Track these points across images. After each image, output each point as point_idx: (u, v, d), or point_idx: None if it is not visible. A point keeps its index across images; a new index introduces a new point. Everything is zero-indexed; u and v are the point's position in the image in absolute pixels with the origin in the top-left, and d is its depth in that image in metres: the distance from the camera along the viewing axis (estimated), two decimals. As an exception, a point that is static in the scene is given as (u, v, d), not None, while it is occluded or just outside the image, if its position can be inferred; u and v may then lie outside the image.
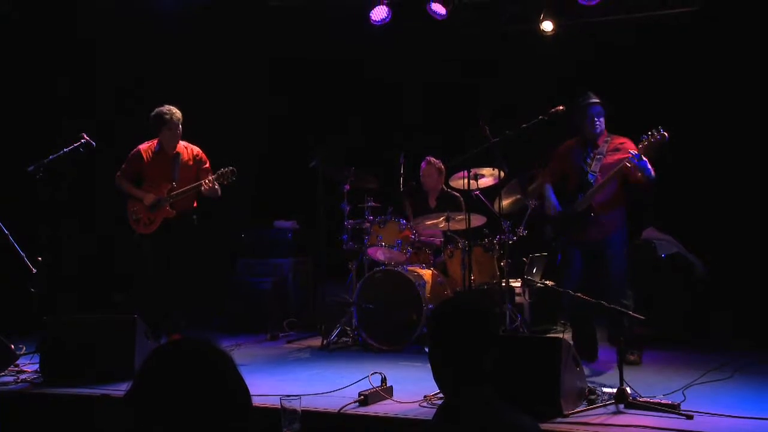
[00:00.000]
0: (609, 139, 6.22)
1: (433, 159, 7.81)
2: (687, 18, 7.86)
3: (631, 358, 5.98)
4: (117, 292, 8.22)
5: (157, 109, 6.75)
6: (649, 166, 5.86)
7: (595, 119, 6.18)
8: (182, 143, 6.90)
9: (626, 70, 8.13)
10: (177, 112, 6.75)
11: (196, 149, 6.96)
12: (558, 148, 6.52)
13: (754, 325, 7.02)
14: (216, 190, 6.70)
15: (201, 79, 8.67)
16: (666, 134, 5.75)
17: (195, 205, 6.90)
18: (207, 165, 6.93)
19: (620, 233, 6.22)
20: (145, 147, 6.89)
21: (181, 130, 6.78)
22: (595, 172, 6.12)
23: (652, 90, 8.07)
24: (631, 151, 5.86)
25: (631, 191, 6.19)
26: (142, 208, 6.76)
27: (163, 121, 6.71)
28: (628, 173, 5.96)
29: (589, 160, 6.18)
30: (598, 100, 6.21)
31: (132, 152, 6.91)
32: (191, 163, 6.89)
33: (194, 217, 6.91)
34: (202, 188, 6.66)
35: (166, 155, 6.83)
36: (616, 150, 6.12)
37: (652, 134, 5.80)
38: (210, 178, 6.66)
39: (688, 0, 7.70)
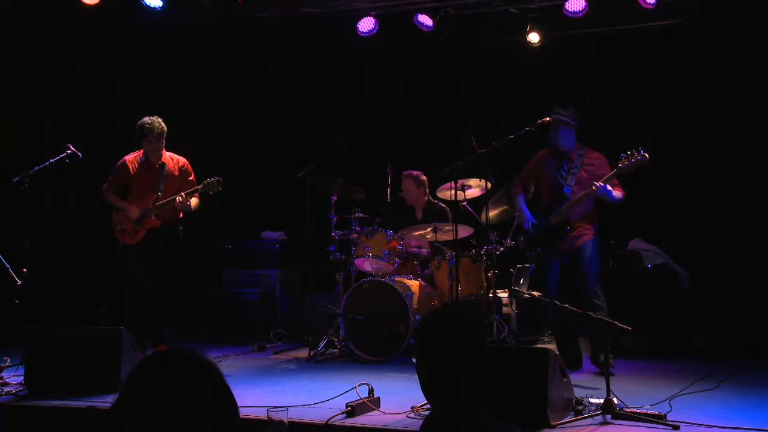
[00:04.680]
0: (583, 152, 6.25)
1: (411, 172, 7.77)
2: (674, 30, 7.92)
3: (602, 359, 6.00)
4: (102, 304, 8.18)
5: (140, 121, 6.74)
6: (614, 194, 5.95)
7: (556, 133, 6.23)
8: (168, 154, 6.88)
9: (612, 82, 8.18)
10: (159, 124, 6.71)
11: (183, 160, 6.94)
12: (530, 160, 6.54)
13: (741, 334, 7.06)
14: (187, 205, 6.65)
15: (188, 92, 8.66)
16: (647, 156, 5.78)
17: (181, 216, 6.87)
18: (192, 177, 6.90)
19: (593, 240, 6.26)
20: (131, 158, 6.88)
21: (163, 141, 6.76)
22: (571, 186, 6.15)
23: (640, 101, 8.12)
24: (597, 184, 5.92)
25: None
26: (128, 219, 6.74)
27: (144, 132, 6.69)
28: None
29: (564, 173, 6.21)
30: (556, 116, 6.22)
31: (117, 163, 6.89)
32: (177, 174, 6.87)
33: (180, 228, 6.88)
34: (176, 201, 6.64)
35: (151, 166, 6.81)
36: (590, 165, 6.18)
37: (632, 154, 5.81)
38: (182, 193, 6.63)
39: (674, 13, 7.74)
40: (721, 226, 7.72)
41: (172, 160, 6.89)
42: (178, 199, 6.58)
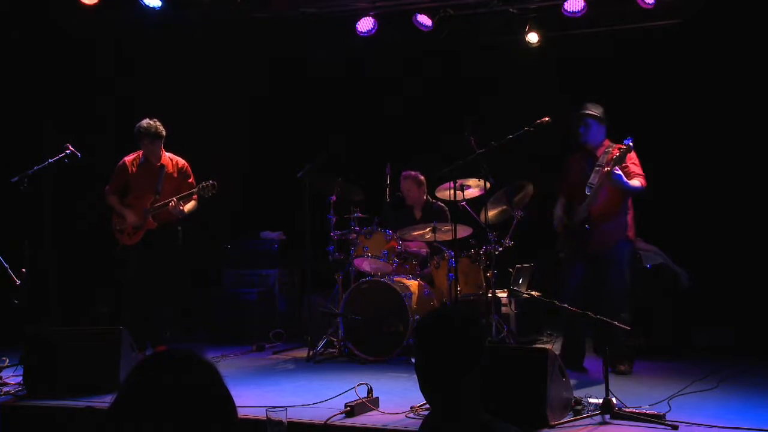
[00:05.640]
0: (609, 149, 6.18)
1: (410, 172, 7.79)
2: (673, 30, 7.92)
3: (622, 368, 6.02)
4: (102, 304, 8.17)
5: (138, 123, 6.76)
6: (624, 179, 5.91)
7: (583, 129, 6.20)
8: (168, 155, 6.91)
9: (612, 81, 8.18)
10: (155, 126, 6.73)
11: (182, 162, 6.97)
12: (565, 165, 6.51)
13: (740, 334, 7.06)
14: (180, 209, 6.66)
15: (188, 92, 8.65)
16: (631, 145, 5.80)
17: (180, 217, 6.87)
18: (191, 179, 6.92)
19: (622, 246, 6.21)
20: (130, 159, 6.92)
21: (160, 143, 6.77)
22: (592, 185, 6.09)
23: (640, 100, 8.12)
24: (604, 168, 5.91)
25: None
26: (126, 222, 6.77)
27: (140, 134, 6.73)
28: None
29: (589, 172, 6.18)
30: (588, 111, 6.21)
31: (118, 165, 6.94)
32: (176, 175, 6.90)
33: (179, 228, 6.88)
34: (169, 206, 6.64)
35: (150, 167, 6.85)
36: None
37: (621, 144, 5.86)
38: (174, 198, 6.64)
39: (673, 12, 7.74)
40: (720, 226, 7.72)
41: (172, 161, 6.92)
42: (171, 203, 6.59)
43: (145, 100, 7.77)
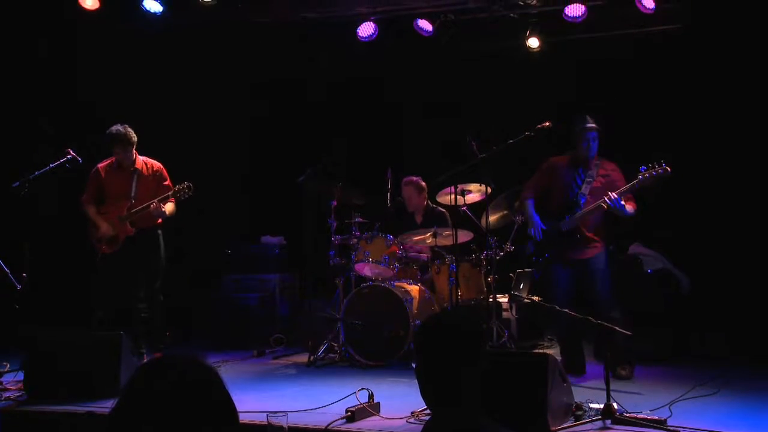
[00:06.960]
0: (599, 162, 6.27)
1: (411, 178, 7.79)
2: (673, 35, 7.93)
3: (623, 372, 6.03)
4: (101, 309, 8.15)
5: (108, 129, 6.69)
6: (627, 209, 5.96)
7: (591, 143, 6.23)
8: (142, 159, 6.82)
9: (611, 87, 8.18)
10: (126, 131, 6.64)
11: (158, 165, 6.89)
12: (543, 164, 6.54)
13: (741, 340, 7.05)
14: (162, 211, 6.58)
15: (189, 96, 8.66)
16: (669, 169, 5.79)
17: (159, 221, 6.79)
18: (167, 182, 6.84)
19: (604, 251, 6.29)
20: (103, 165, 6.83)
21: (132, 148, 6.69)
22: (585, 195, 6.16)
23: (639, 105, 8.12)
24: (611, 195, 5.93)
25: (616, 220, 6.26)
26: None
27: (111, 140, 6.65)
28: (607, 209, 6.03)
29: (579, 182, 6.23)
30: (594, 125, 6.25)
31: (91, 172, 6.85)
32: (151, 179, 6.81)
33: (159, 232, 6.81)
34: (150, 207, 6.59)
35: (124, 172, 6.75)
36: (606, 176, 6.20)
37: (653, 167, 5.83)
38: (155, 201, 6.58)
39: (673, 17, 7.75)
40: (721, 231, 7.71)
41: (147, 165, 6.83)
42: (152, 206, 6.55)
43: (146, 104, 7.77)
